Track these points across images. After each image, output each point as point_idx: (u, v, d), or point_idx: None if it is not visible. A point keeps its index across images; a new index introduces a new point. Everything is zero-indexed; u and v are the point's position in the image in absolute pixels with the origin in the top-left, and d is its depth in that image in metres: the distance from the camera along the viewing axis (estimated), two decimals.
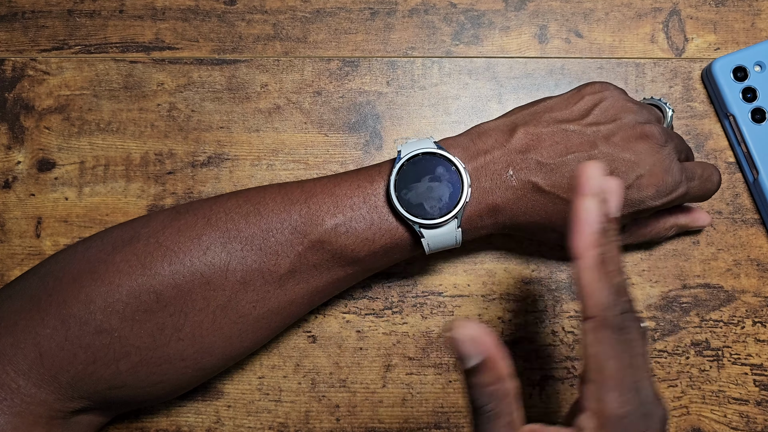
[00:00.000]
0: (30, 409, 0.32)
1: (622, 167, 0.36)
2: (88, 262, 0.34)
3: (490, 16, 0.46)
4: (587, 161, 0.27)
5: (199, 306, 0.34)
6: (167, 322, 0.33)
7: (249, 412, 0.42)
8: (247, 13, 0.46)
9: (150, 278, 0.33)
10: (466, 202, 0.35)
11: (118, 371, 0.33)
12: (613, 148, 0.36)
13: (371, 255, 0.36)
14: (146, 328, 0.33)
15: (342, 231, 0.35)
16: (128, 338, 0.33)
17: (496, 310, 0.43)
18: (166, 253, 0.33)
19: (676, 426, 0.42)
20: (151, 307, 0.33)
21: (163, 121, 0.45)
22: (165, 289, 0.33)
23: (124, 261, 0.33)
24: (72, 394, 0.33)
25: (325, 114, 0.45)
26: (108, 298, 0.33)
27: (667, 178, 0.36)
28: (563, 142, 0.36)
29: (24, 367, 0.32)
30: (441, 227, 0.35)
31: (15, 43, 0.45)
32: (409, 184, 0.35)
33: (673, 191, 0.36)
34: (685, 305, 0.43)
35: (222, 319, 0.34)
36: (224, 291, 0.34)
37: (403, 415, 0.42)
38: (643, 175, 0.36)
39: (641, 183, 0.36)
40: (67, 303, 0.33)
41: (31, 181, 0.44)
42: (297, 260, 0.35)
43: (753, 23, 0.46)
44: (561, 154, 0.35)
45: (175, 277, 0.33)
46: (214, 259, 0.34)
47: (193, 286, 0.33)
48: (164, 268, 0.33)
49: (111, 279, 0.33)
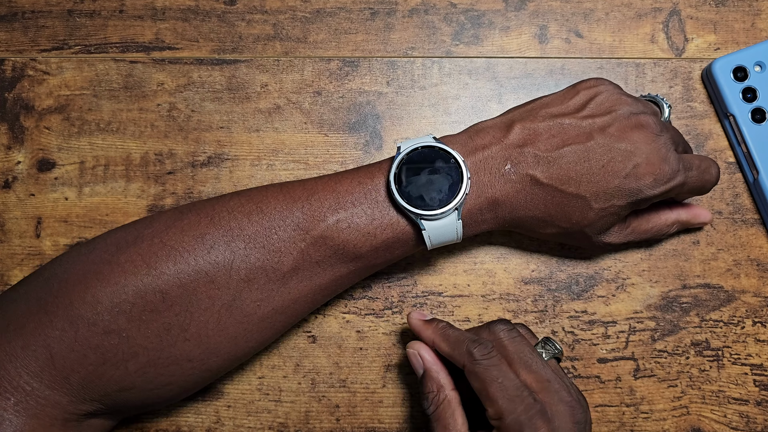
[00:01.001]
0: (45, 411, 0.32)
1: (618, 157, 0.36)
2: (93, 264, 0.34)
3: (490, 16, 0.46)
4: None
5: (204, 305, 0.34)
6: (173, 322, 0.33)
7: (249, 412, 0.42)
8: (247, 13, 0.46)
9: (155, 278, 0.33)
10: (466, 193, 0.35)
11: (127, 372, 0.33)
12: (609, 139, 0.36)
13: (373, 251, 0.36)
14: (153, 328, 0.33)
15: (344, 226, 0.35)
16: (136, 338, 0.33)
17: (496, 310, 0.43)
18: (171, 252, 0.34)
19: (677, 426, 0.42)
20: (157, 306, 0.33)
21: (163, 121, 0.45)
22: (170, 288, 0.33)
23: (129, 261, 0.34)
24: (84, 396, 0.33)
25: (325, 114, 0.45)
26: (115, 299, 0.33)
27: (665, 166, 0.36)
28: (559, 135, 0.36)
29: (36, 369, 0.32)
30: (442, 218, 0.35)
31: (15, 43, 0.45)
32: (409, 178, 0.35)
33: (671, 180, 0.36)
34: (685, 305, 0.43)
35: (227, 319, 0.34)
36: (228, 289, 0.34)
37: (403, 415, 0.42)
38: (640, 164, 0.36)
39: (638, 172, 0.36)
40: (74, 304, 0.33)
41: (31, 181, 0.44)
42: (300, 257, 0.35)
43: (753, 23, 0.46)
44: (558, 146, 0.36)
45: (180, 276, 0.33)
46: (218, 258, 0.34)
47: (198, 285, 0.34)
48: (169, 268, 0.33)
49: (117, 279, 0.33)
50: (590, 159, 0.36)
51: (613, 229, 0.39)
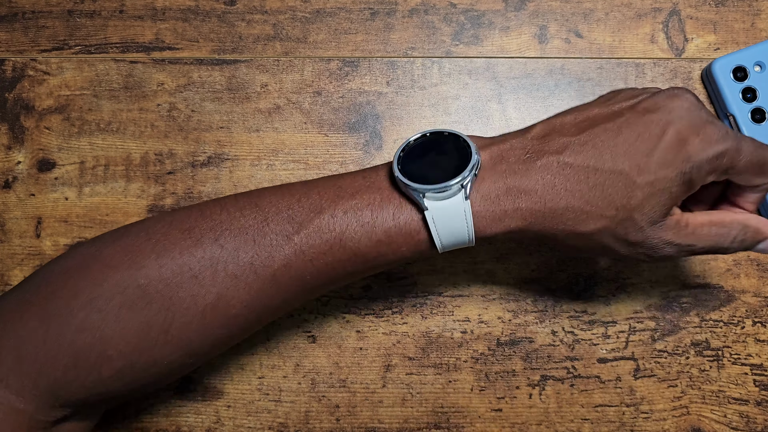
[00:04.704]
0: (9, 419, 0.30)
1: (655, 125, 0.31)
2: (78, 259, 0.32)
3: (490, 16, 0.46)
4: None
5: (186, 304, 0.31)
6: (153, 321, 0.31)
7: (249, 412, 0.42)
8: (247, 14, 0.46)
9: (135, 271, 0.31)
10: (473, 172, 0.32)
11: (100, 378, 0.31)
12: (641, 112, 0.32)
13: (374, 245, 0.32)
14: (131, 327, 0.31)
15: (341, 216, 0.32)
16: (111, 339, 0.30)
17: (496, 310, 0.43)
18: (155, 245, 0.32)
19: (677, 426, 0.42)
20: (135, 302, 0.31)
21: (163, 121, 0.45)
22: (150, 282, 0.31)
23: (111, 255, 0.31)
24: (53, 402, 0.31)
25: (325, 114, 0.45)
26: (91, 294, 0.30)
27: (710, 127, 0.31)
28: (586, 120, 0.33)
29: (2, 373, 0.30)
30: (446, 193, 0.31)
31: (15, 44, 0.46)
32: (414, 159, 0.33)
33: (722, 141, 0.31)
34: (685, 305, 0.43)
35: (212, 321, 0.32)
36: (214, 287, 0.31)
37: (403, 415, 0.42)
38: (681, 129, 0.31)
39: (681, 136, 0.31)
40: (50, 299, 0.31)
41: (31, 181, 0.44)
42: (292, 253, 0.32)
43: (753, 23, 0.46)
44: (585, 129, 0.32)
45: (162, 270, 0.31)
46: (205, 252, 0.31)
47: (182, 280, 0.31)
48: (151, 261, 0.31)
49: (96, 274, 0.31)
50: (623, 132, 0.31)
51: (669, 222, 0.32)
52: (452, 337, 0.43)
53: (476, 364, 0.43)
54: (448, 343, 0.43)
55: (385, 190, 0.33)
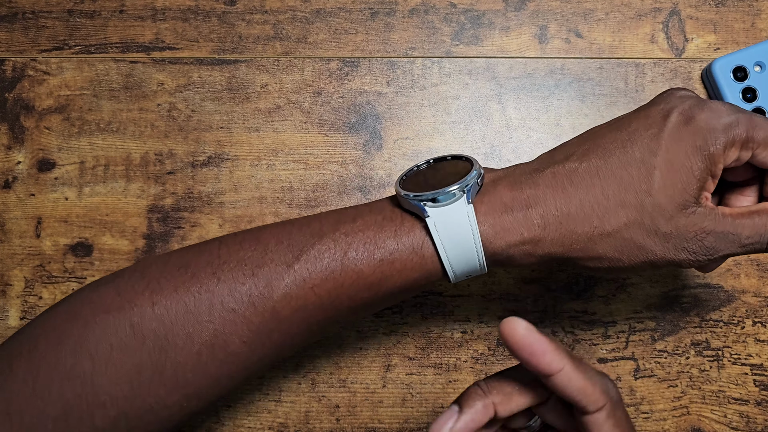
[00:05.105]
0: None
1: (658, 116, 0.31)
2: (71, 304, 0.31)
3: (490, 16, 0.46)
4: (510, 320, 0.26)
5: (181, 342, 0.29)
6: (146, 363, 0.29)
7: (249, 412, 0.42)
8: (247, 14, 0.46)
9: (127, 311, 0.29)
10: (476, 179, 0.31)
11: (93, 429, 0.29)
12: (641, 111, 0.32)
13: (376, 265, 0.31)
14: (123, 371, 0.29)
15: (341, 237, 0.31)
16: (103, 385, 0.28)
17: (496, 310, 0.43)
18: (149, 283, 0.30)
19: (677, 426, 0.42)
20: (127, 343, 0.29)
21: (163, 121, 0.45)
22: (142, 320, 0.29)
23: (102, 297, 0.30)
24: None
25: (325, 114, 0.45)
26: (80, 338, 0.29)
27: (715, 102, 0.30)
28: (588, 132, 0.33)
29: None
30: (447, 197, 0.30)
31: (15, 44, 0.46)
32: (415, 178, 0.33)
33: (734, 112, 0.30)
34: (685, 305, 0.43)
35: (208, 359, 0.30)
36: (210, 323, 0.30)
37: (403, 415, 0.42)
38: (685, 108, 0.30)
39: (688, 114, 0.30)
40: (39, 346, 0.29)
41: (31, 181, 0.44)
42: (292, 282, 0.30)
43: (753, 23, 0.46)
44: (589, 138, 0.32)
45: (155, 308, 0.29)
46: (201, 286, 0.30)
47: (176, 317, 0.29)
48: (144, 299, 0.29)
49: (86, 318, 0.29)
50: (625, 127, 0.31)
51: (703, 209, 0.30)
52: (452, 337, 0.43)
53: (476, 364, 0.43)
54: (448, 343, 0.43)
55: (388, 210, 0.32)
